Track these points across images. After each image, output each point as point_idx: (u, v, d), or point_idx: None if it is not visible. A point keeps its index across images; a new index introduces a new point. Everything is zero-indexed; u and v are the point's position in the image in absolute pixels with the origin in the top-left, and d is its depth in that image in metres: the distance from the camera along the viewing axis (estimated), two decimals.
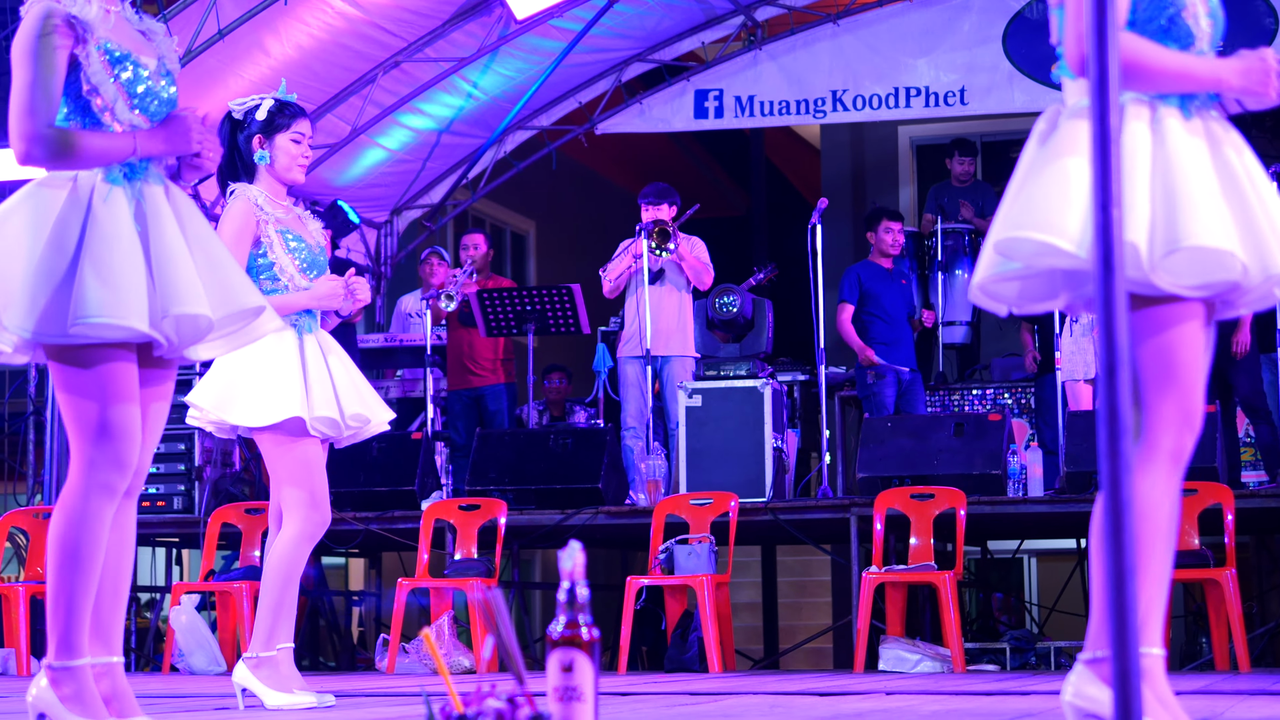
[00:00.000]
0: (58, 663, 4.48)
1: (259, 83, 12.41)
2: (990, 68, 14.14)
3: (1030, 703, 6.18)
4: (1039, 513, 10.46)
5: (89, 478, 4.47)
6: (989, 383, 14.00)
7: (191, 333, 4.53)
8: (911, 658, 9.74)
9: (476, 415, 13.17)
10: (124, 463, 4.49)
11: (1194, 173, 3.71)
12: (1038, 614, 14.64)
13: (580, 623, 3.28)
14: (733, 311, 11.83)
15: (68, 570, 4.46)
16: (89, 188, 4.49)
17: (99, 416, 4.46)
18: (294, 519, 6.57)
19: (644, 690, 7.49)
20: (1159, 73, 3.78)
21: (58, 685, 4.48)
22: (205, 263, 4.56)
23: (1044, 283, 3.84)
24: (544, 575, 19.43)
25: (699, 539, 10.14)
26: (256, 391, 6.53)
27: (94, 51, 4.55)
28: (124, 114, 4.59)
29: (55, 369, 4.50)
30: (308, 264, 6.78)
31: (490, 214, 19.99)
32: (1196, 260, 3.68)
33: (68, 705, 4.46)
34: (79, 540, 4.46)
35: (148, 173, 4.59)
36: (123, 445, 4.49)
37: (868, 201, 17.07)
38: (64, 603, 4.47)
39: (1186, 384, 3.79)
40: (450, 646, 10.25)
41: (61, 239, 4.41)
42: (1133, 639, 2.39)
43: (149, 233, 4.49)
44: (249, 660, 6.53)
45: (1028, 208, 3.71)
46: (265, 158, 6.77)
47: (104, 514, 4.49)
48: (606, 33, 14.29)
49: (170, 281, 4.45)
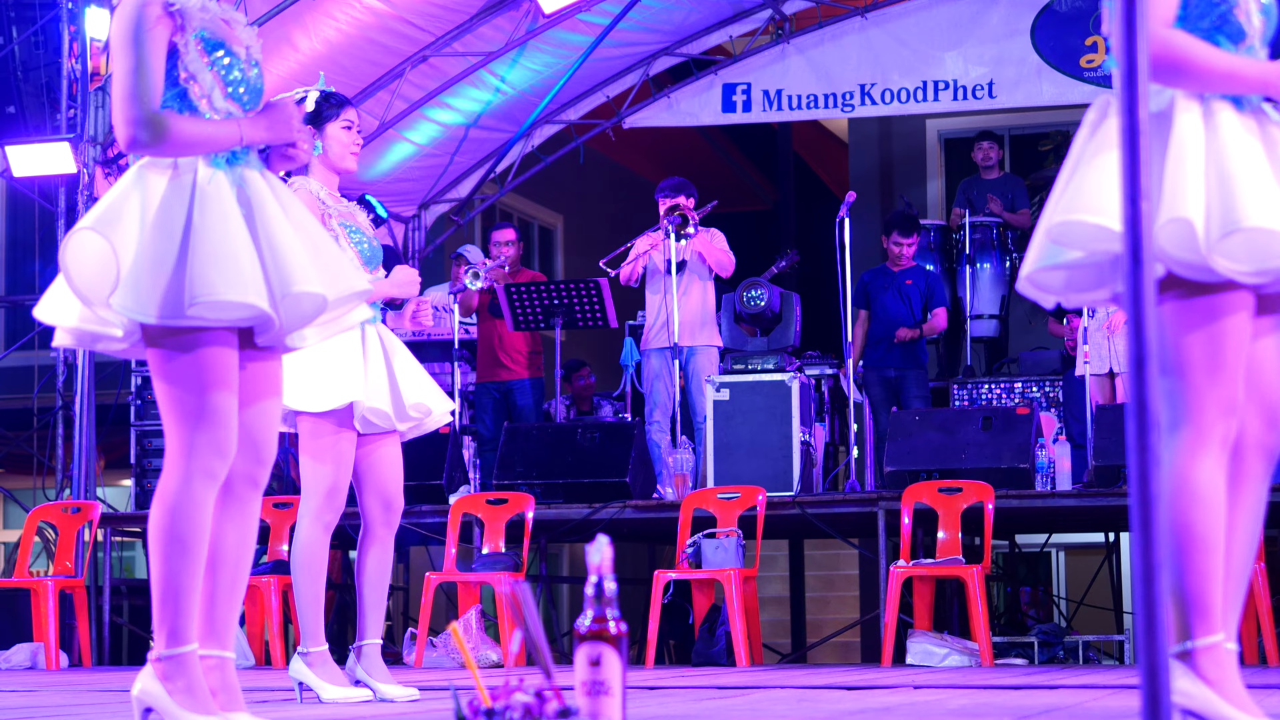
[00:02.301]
0: (167, 651, 4.39)
1: (287, 77, 12.43)
2: (1018, 60, 14.12)
3: (1058, 697, 6.17)
4: (1067, 506, 10.43)
5: (190, 464, 4.41)
6: (1017, 376, 13.98)
7: (302, 315, 4.49)
8: (939, 651, 9.73)
9: (505, 409, 13.17)
10: (224, 449, 4.43)
11: (1249, 158, 3.69)
12: (1066, 608, 14.62)
13: (608, 617, 3.27)
14: (761, 305, 11.83)
15: (174, 559, 4.40)
16: (191, 172, 4.46)
17: (199, 402, 4.41)
18: (308, 509, 6.59)
19: (671, 684, 7.49)
20: (1207, 73, 3.75)
21: (168, 678, 4.39)
22: (310, 245, 4.53)
23: (1092, 273, 3.81)
24: (571, 569, 19.44)
25: (726, 533, 10.14)
26: (314, 376, 6.54)
27: (191, 40, 4.54)
28: (220, 102, 4.58)
29: (154, 355, 4.45)
30: (368, 257, 6.80)
31: (518, 208, 20.00)
32: (1254, 244, 3.65)
33: (177, 698, 4.38)
34: (183, 528, 4.40)
35: (248, 158, 4.58)
36: (222, 431, 4.44)
37: (895, 195, 17.06)
38: (173, 592, 4.40)
39: (1229, 372, 3.78)
40: (478, 640, 10.26)
41: (168, 222, 4.39)
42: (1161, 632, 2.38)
43: (254, 215, 4.46)
44: (303, 655, 6.53)
45: (1080, 194, 3.69)
46: (319, 148, 6.77)
47: (206, 500, 4.43)
48: (634, 27, 14.28)
49: (282, 263, 4.42)
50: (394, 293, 6.88)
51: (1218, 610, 3.75)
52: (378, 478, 6.81)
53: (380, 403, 6.64)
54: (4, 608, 11.91)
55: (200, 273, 4.33)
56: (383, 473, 6.82)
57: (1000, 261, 14.46)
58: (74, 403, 12.17)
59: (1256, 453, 3.89)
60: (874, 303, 12.80)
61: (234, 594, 4.60)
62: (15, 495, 13.72)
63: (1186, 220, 3.59)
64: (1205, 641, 3.71)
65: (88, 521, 11.11)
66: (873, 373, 12.77)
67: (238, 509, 4.58)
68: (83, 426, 11.98)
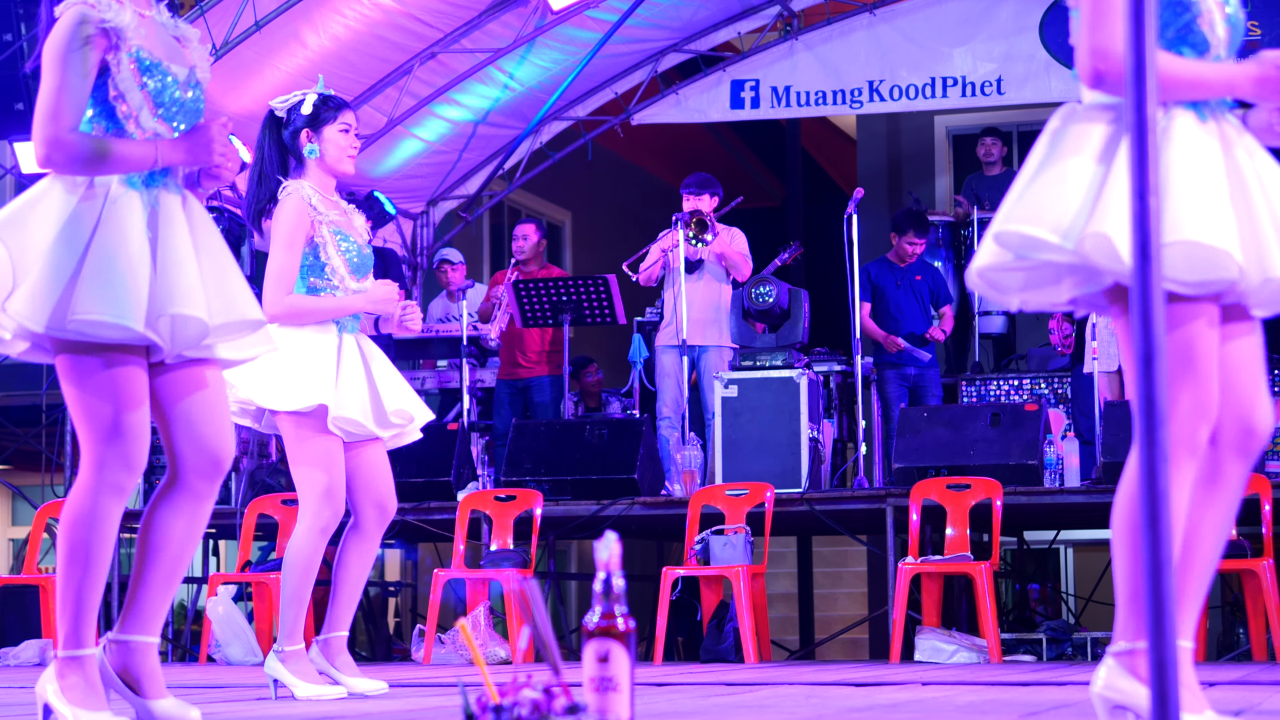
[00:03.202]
0: (65, 652, 4.53)
1: (295, 74, 12.44)
2: (1027, 57, 14.12)
3: (1067, 693, 6.17)
4: (1075, 503, 10.43)
5: (99, 478, 4.51)
6: (1025, 372, 13.97)
7: (187, 337, 4.55)
8: (947, 648, 9.73)
9: (522, 406, 13.20)
10: (133, 464, 4.53)
11: (1199, 171, 3.70)
12: (1074, 604, 14.62)
13: (616, 613, 3.28)
14: (769, 301, 11.82)
15: (77, 568, 4.52)
16: (105, 189, 4.52)
17: (110, 418, 4.50)
18: (306, 511, 6.61)
19: (680, 681, 7.50)
20: (1171, 81, 3.78)
21: (62, 675, 4.53)
22: (212, 271, 4.58)
23: (1049, 272, 3.83)
24: (579, 566, 19.46)
25: (734, 529, 10.14)
26: (287, 376, 6.56)
27: (125, 59, 4.58)
28: (148, 122, 4.62)
29: (63, 365, 4.52)
30: (357, 265, 6.81)
31: (526, 205, 20.00)
32: (1192, 256, 3.67)
33: (68, 695, 4.51)
34: (88, 539, 4.52)
35: (166, 181, 4.62)
36: (132, 447, 4.53)
37: (904, 191, 17.05)
38: (72, 599, 4.53)
39: (1202, 376, 3.79)
40: (486, 637, 10.27)
41: (73, 236, 4.44)
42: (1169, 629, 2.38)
43: (158, 238, 4.51)
44: (279, 653, 6.58)
45: (1023, 202, 3.73)
46: (315, 151, 6.78)
47: (113, 513, 4.54)
48: (642, 23, 14.29)
49: (171, 284, 4.48)
50: (368, 309, 6.87)
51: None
52: (370, 481, 6.84)
53: (354, 412, 6.65)
54: (13, 604, 11.92)
55: (85, 290, 4.40)
56: (374, 476, 6.85)
57: None
58: None
59: (1233, 457, 3.91)
60: (884, 298, 12.79)
61: (171, 584, 4.72)
62: (24, 492, 13.73)
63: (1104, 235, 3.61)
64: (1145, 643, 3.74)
65: None
66: (890, 370, 12.77)
67: (191, 504, 4.68)
68: None
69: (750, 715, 5.19)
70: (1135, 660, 3.75)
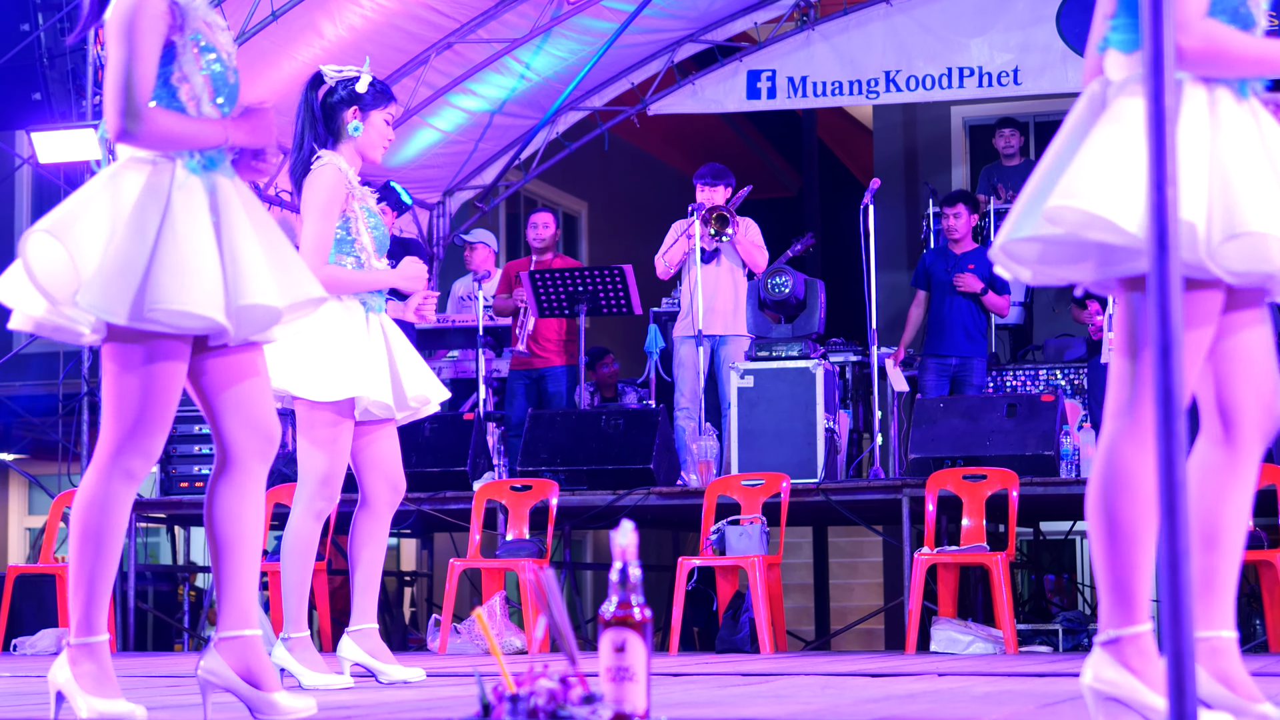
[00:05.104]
0: (77, 640, 4.52)
1: (312, 65, 12.39)
2: (1044, 47, 14.10)
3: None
4: None
5: (114, 463, 4.51)
6: (1042, 363, 13.96)
7: (255, 323, 4.55)
8: (963, 639, 9.72)
9: (537, 396, 13.20)
10: (151, 453, 4.53)
11: (1250, 158, 3.67)
12: (1090, 595, 14.60)
13: (633, 603, 3.28)
14: (785, 292, 11.80)
15: (89, 553, 4.52)
16: (168, 175, 4.49)
17: (139, 407, 4.49)
18: (303, 494, 6.61)
19: (696, 671, 7.50)
20: (1243, 60, 3.73)
21: (75, 663, 4.52)
22: (272, 251, 4.57)
23: (1071, 249, 3.79)
24: (595, 556, 19.47)
25: (750, 520, 10.14)
26: (319, 364, 6.55)
27: (189, 40, 4.56)
28: (207, 106, 4.61)
29: (110, 350, 4.51)
30: (380, 245, 6.82)
31: (542, 195, 20.00)
32: (1250, 247, 3.64)
33: (82, 683, 4.50)
34: (100, 524, 4.51)
35: (222, 165, 4.60)
36: (154, 438, 4.53)
37: (920, 182, 17.04)
38: (85, 585, 4.52)
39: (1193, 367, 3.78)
40: (502, 627, 10.28)
41: (141, 225, 4.42)
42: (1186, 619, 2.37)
43: (221, 224, 4.50)
44: (285, 641, 6.58)
45: (1082, 176, 3.65)
46: (359, 129, 6.75)
47: (124, 499, 4.53)
48: (659, 13, 14.28)
49: (242, 273, 4.46)
50: (401, 285, 6.88)
51: (1144, 600, 3.76)
52: (383, 462, 6.85)
53: (382, 394, 6.66)
54: (30, 593, 11.95)
55: (162, 279, 4.38)
56: (387, 457, 6.86)
57: None
58: (98, 390, 12.17)
59: (1260, 442, 3.89)
60: (935, 285, 12.74)
61: (254, 569, 4.67)
62: (41, 481, 13.75)
63: (1189, 223, 3.57)
64: (1130, 631, 3.73)
65: None
66: (931, 359, 12.71)
67: (253, 486, 4.63)
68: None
69: (766, 705, 5.19)
70: (1123, 648, 3.73)
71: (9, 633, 11.06)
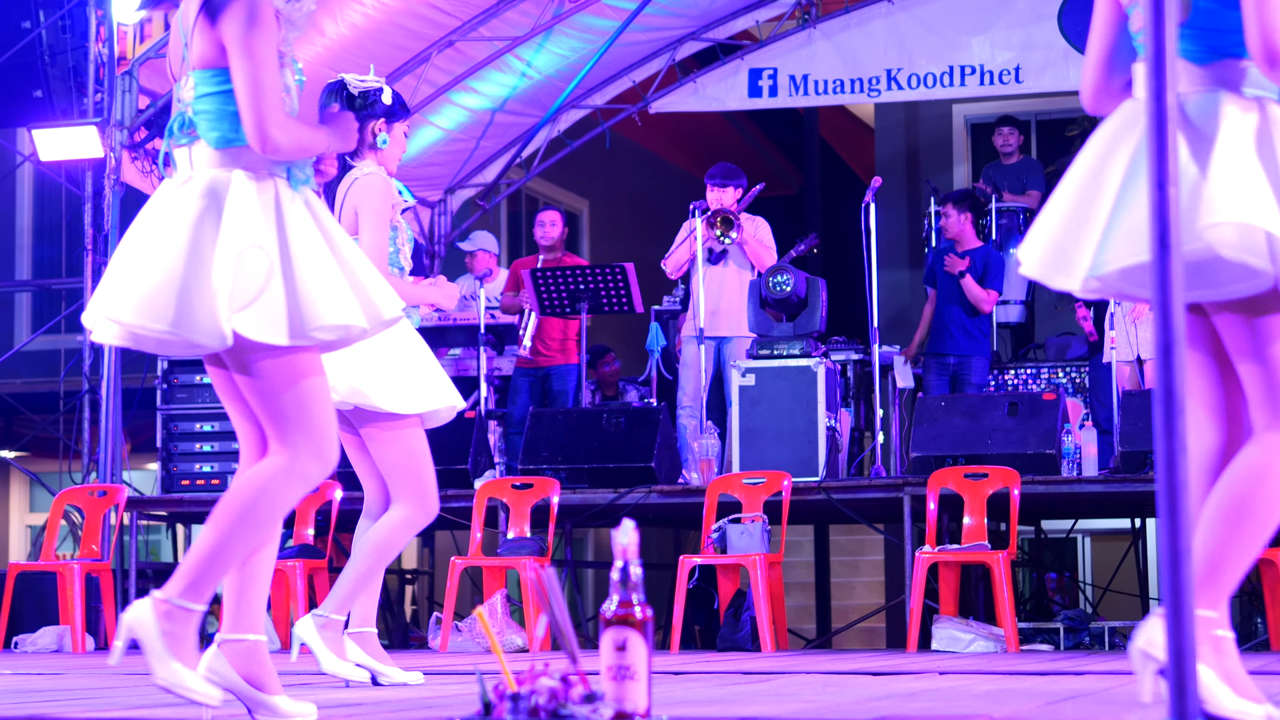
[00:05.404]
0: (180, 600, 4.40)
1: (314, 63, 12.44)
2: (1045, 45, 14.10)
3: (1084, 683, 6.16)
4: (1093, 492, 10.42)
5: (295, 464, 4.46)
6: (1043, 362, 13.96)
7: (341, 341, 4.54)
8: (965, 637, 9.73)
9: (542, 393, 13.20)
10: (328, 458, 4.51)
11: None
12: (1091, 594, 14.61)
13: (633, 601, 3.28)
14: (786, 290, 11.80)
15: (238, 532, 4.43)
16: (273, 189, 4.47)
17: (305, 414, 4.47)
18: (404, 507, 6.51)
19: (697, 669, 7.50)
20: None
21: (169, 619, 4.39)
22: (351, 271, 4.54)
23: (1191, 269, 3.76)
24: (596, 554, 19.47)
25: (752, 518, 10.14)
26: (404, 377, 6.52)
27: (287, 52, 4.54)
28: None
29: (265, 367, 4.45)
30: (410, 255, 6.86)
31: (543, 193, 20.00)
32: None
33: (168, 641, 4.37)
34: (263, 513, 4.46)
35: (310, 180, 4.60)
36: (328, 444, 4.51)
37: (922, 180, 17.04)
38: (216, 556, 4.42)
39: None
40: (503, 625, 10.28)
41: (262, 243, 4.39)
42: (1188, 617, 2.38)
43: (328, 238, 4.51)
44: (317, 619, 6.49)
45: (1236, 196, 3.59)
46: (386, 141, 6.76)
47: (294, 499, 4.50)
48: (660, 11, 14.28)
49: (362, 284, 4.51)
50: (441, 303, 6.94)
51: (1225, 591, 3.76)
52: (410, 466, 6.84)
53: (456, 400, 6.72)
54: (31, 591, 11.94)
55: (310, 297, 4.36)
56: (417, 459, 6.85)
57: None
58: (100, 387, 12.18)
59: None
60: (938, 284, 12.77)
61: (269, 575, 4.67)
62: (42, 479, 13.76)
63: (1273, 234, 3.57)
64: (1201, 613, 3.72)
65: (114, 505, 11.14)
66: (931, 358, 12.76)
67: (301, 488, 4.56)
68: (109, 410, 12.00)
69: (767, 704, 5.19)
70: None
71: (9, 630, 11.05)
